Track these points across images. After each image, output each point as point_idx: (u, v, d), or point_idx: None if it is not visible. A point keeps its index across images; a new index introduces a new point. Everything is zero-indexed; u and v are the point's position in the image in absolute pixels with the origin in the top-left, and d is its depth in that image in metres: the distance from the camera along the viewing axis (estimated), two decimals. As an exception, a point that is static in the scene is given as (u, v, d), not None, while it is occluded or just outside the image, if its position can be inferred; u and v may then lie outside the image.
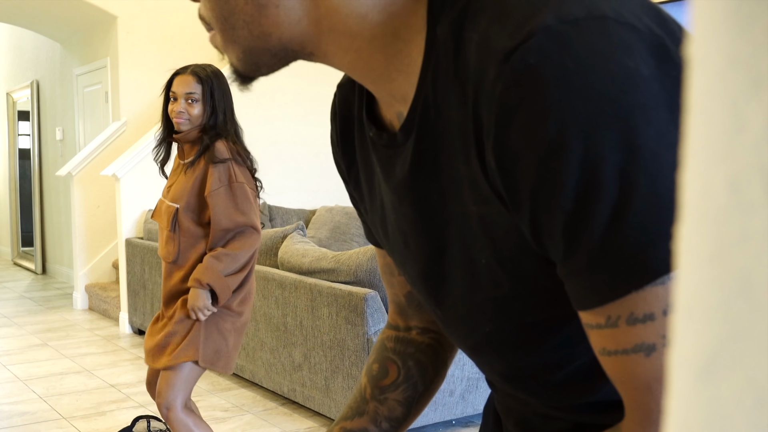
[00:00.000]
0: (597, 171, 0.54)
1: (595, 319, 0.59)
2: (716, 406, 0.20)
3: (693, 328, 0.21)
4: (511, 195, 0.60)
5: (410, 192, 0.72)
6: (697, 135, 0.22)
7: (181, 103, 2.58)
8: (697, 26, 0.22)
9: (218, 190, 2.51)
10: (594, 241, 0.55)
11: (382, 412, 0.97)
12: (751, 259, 0.20)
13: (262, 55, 0.67)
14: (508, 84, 0.56)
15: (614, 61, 0.54)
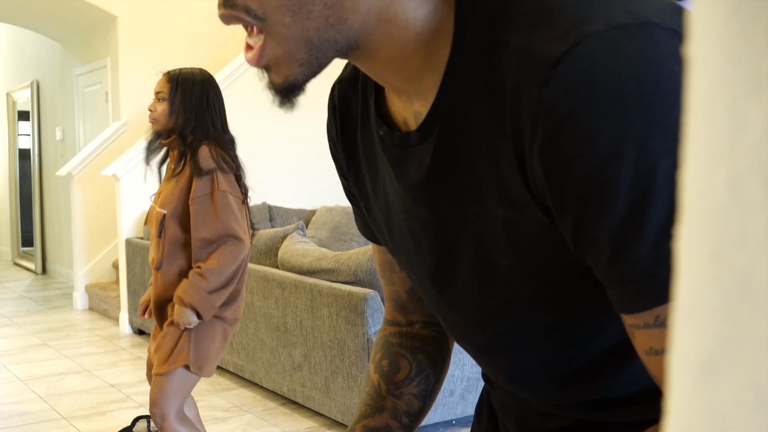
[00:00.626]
0: (650, 178, 0.54)
1: (644, 319, 0.59)
2: (716, 406, 0.20)
3: (693, 328, 0.21)
4: (557, 201, 0.59)
5: (425, 193, 0.72)
6: (697, 135, 0.22)
7: (153, 101, 2.64)
8: (697, 26, 0.22)
9: (199, 199, 2.49)
10: (645, 247, 0.55)
11: (401, 407, 0.97)
12: (751, 259, 0.20)
13: (328, 50, 0.65)
14: (559, 90, 0.56)
15: (665, 67, 0.54)
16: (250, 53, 0.65)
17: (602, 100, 0.54)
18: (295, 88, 0.67)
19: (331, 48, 0.64)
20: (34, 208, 8.57)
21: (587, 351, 0.71)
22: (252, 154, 6.23)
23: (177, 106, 2.58)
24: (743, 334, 0.20)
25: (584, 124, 0.55)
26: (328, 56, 0.65)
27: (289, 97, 0.68)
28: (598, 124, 0.55)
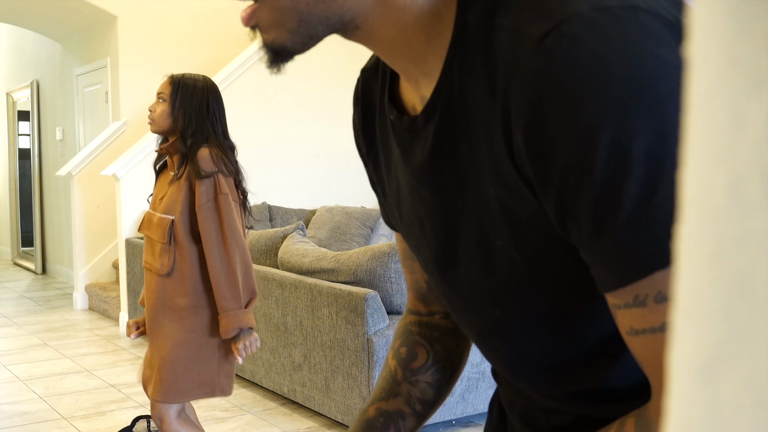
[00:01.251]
0: (627, 154, 0.55)
1: (623, 298, 0.60)
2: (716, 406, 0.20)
3: (693, 328, 0.21)
4: (539, 177, 0.61)
5: (429, 176, 0.74)
6: (697, 135, 0.22)
7: (155, 102, 2.64)
8: (697, 26, 0.22)
9: (205, 206, 2.51)
10: (621, 221, 0.56)
11: (415, 394, 0.98)
12: (751, 259, 0.20)
13: (318, 24, 0.66)
14: (542, 67, 0.58)
15: (647, 49, 0.56)
16: (242, 13, 0.69)
17: (583, 77, 0.56)
18: (283, 51, 0.68)
19: (322, 22, 0.66)
20: (34, 208, 8.57)
21: (584, 339, 0.72)
22: (252, 155, 6.23)
23: (176, 108, 2.59)
24: (743, 334, 0.20)
25: (565, 100, 0.57)
26: (319, 30, 0.66)
27: (277, 60, 0.68)
28: (579, 101, 0.56)
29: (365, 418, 0.98)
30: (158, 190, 2.68)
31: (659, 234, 0.56)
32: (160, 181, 2.71)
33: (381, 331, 3.32)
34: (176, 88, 2.61)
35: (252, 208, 6.10)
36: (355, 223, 5.93)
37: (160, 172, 2.74)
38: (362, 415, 0.99)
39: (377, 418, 0.97)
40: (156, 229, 2.58)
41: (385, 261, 3.42)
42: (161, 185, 2.68)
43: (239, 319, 2.50)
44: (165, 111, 2.59)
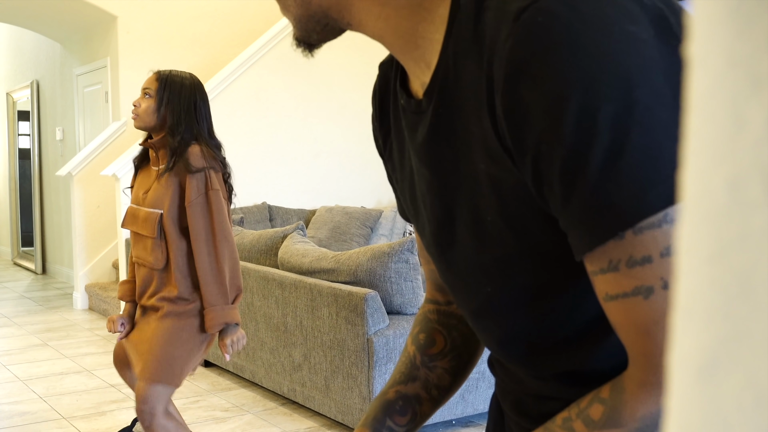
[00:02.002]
0: (594, 120, 0.59)
1: (598, 263, 0.63)
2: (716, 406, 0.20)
3: (693, 328, 0.21)
4: (517, 146, 0.64)
5: (428, 154, 0.78)
6: (697, 135, 0.22)
7: (139, 97, 2.64)
8: (697, 26, 0.22)
9: (196, 201, 2.53)
10: (589, 185, 0.60)
11: (432, 379, 1.00)
12: (751, 259, 0.20)
13: (308, 22, 0.75)
14: (518, 40, 0.61)
15: (618, 24, 0.60)
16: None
17: (554, 49, 0.60)
18: (303, 43, 0.78)
19: (312, 20, 0.75)
20: (34, 208, 8.57)
21: (571, 318, 0.73)
22: (252, 154, 6.24)
23: (163, 105, 2.60)
24: (743, 334, 0.20)
25: (537, 70, 0.60)
26: (314, 27, 0.75)
27: (301, 46, 0.79)
28: (549, 71, 0.60)
29: (385, 399, 1.00)
30: (140, 185, 2.68)
31: (624, 197, 0.59)
32: (140, 176, 2.71)
33: (381, 331, 3.32)
34: (163, 85, 2.61)
35: (252, 208, 6.11)
36: (355, 223, 5.93)
37: (139, 167, 2.73)
38: (382, 396, 1.01)
39: (396, 400, 1.00)
40: (144, 224, 2.59)
41: (385, 261, 3.42)
42: (143, 180, 2.68)
43: (225, 314, 2.53)
44: (151, 107, 2.60)
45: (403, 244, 3.45)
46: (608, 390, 0.67)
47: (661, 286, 0.60)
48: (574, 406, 0.70)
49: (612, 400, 0.66)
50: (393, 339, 3.33)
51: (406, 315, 3.48)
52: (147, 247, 2.61)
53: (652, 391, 0.63)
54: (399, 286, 3.44)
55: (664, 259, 0.59)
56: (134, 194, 2.69)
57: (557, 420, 0.71)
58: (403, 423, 0.99)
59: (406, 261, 3.44)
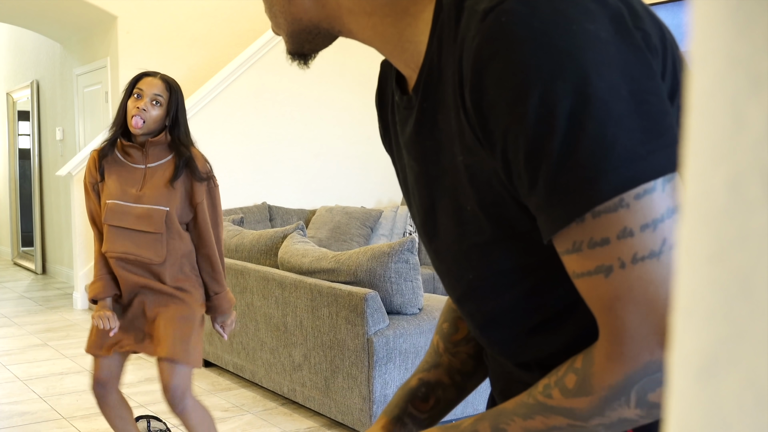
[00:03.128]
0: (552, 114, 0.63)
1: (565, 245, 0.68)
2: (716, 406, 0.20)
3: (693, 328, 0.21)
4: (487, 138, 0.69)
5: (414, 147, 0.82)
6: (697, 135, 0.22)
7: (146, 102, 2.60)
8: (697, 26, 0.22)
9: (205, 199, 2.68)
10: (549, 173, 0.65)
11: (455, 364, 1.03)
12: (751, 259, 0.20)
13: (300, 35, 0.81)
14: (483, 39, 0.66)
15: (577, 23, 0.64)
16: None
17: (516, 47, 0.64)
18: (294, 54, 0.84)
19: (304, 32, 0.81)
20: (34, 208, 8.57)
21: (547, 302, 0.77)
22: (252, 154, 6.23)
23: (177, 116, 2.65)
24: (743, 334, 0.20)
25: (500, 68, 0.65)
26: (306, 37, 0.81)
27: (296, 59, 0.85)
28: (512, 68, 0.64)
29: (408, 387, 1.02)
30: (121, 181, 2.66)
31: (579, 184, 0.63)
32: (114, 172, 2.68)
33: (381, 331, 3.32)
34: (172, 93, 2.65)
35: (252, 207, 6.12)
36: (355, 223, 5.93)
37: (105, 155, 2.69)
38: (405, 384, 1.03)
39: (419, 387, 1.02)
40: (142, 221, 2.62)
41: (385, 261, 3.42)
42: (123, 176, 2.66)
43: (232, 296, 2.78)
44: (160, 116, 2.63)
45: (403, 244, 3.45)
46: (581, 360, 0.71)
47: (619, 265, 0.64)
48: (553, 373, 0.74)
49: (583, 370, 0.70)
50: (393, 339, 3.33)
51: (406, 315, 3.48)
52: (143, 243, 2.64)
53: (617, 361, 0.67)
54: (399, 286, 3.44)
55: (621, 241, 0.64)
56: (114, 191, 2.66)
57: (539, 386, 0.75)
58: (426, 409, 1.01)
59: (406, 261, 3.44)
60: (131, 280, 2.67)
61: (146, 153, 2.65)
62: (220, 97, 6.07)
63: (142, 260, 2.64)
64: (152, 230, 2.62)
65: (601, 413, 0.70)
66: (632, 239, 0.63)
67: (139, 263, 2.65)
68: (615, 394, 0.68)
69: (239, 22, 6.75)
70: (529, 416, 0.75)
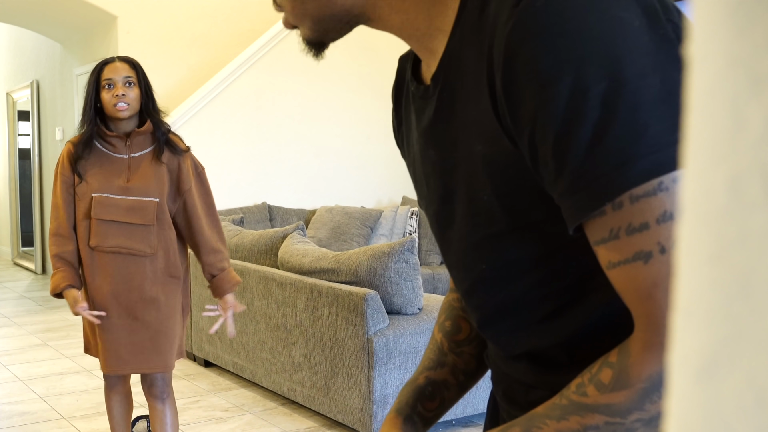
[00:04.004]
0: (584, 97, 0.63)
1: (600, 233, 0.67)
2: (716, 406, 0.20)
3: (693, 328, 0.21)
4: (515, 123, 0.69)
5: (432, 136, 0.83)
6: (697, 135, 0.22)
7: (121, 87, 2.57)
8: (697, 26, 0.22)
9: (195, 182, 2.68)
10: (579, 157, 0.65)
11: (460, 364, 1.04)
12: (751, 259, 0.20)
13: (329, 21, 0.79)
14: (516, 23, 0.66)
15: (610, 11, 0.65)
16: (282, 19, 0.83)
17: (548, 32, 0.65)
18: (316, 44, 0.82)
19: (334, 19, 0.79)
20: (34, 208, 8.56)
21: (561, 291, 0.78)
22: (252, 154, 6.23)
23: (148, 90, 2.64)
24: (743, 334, 0.20)
25: (532, 52, 0.65)
26: (337, 26, 0.80)
27: (314, 48, 0.83)
28: (543, 52, 0.65)
29: (416, 384, 1.03)
30: (105, 174, 2.60)
31: (611, 168, 0.63)
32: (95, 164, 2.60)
33: (381, 331, 3.32)
34: (137, 70, 2.64)
35: (251, 207, 6.11)
36: (355, 223, 5.93)
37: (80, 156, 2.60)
38: (413, 381, 1.04)
39: (426, 386, 1.03)
40: (135, 213, 2.58)
41: (385, 261, 3.42)
42: (105, 168, 2.60)
43: (236, 274, 2.79)
44: (138, 93, 2.61)
45: (403, 244, 3.45)
46: (616, 354, 0.70)
47: (659, 250, 0.64)
48: (586, 372, 0.73)
49: (619, 363, 0.69)
50: (393, 339, 3.33)
51: (406, 315, 3.48)
52: (136, 236, 2.59)
53: (655, 351, 0.66)
54: (399, 286, 3.44)
55: (660, 225, 0.63)
56: (99, 183, 2.59)
57: (572, 387, 0.74)
58: (432, 408, 1.02)
59: (406, 261, 3.44)
60: (122, 273, 2.62)
61: (130, 143, 2.61)
62: (220, 97, 6.07)
63: (134, 253, 2.60)
64: (144, 222, 2.59)
65: (640, 407, 0.68)
66: (672, 223, 0.63)
67: (131, 256, 2.61)
68: (654, 386, 0.67)
69: (239, 22, 6.74)
70: (563, 417, 0.73)
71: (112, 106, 2.56)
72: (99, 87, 2.60)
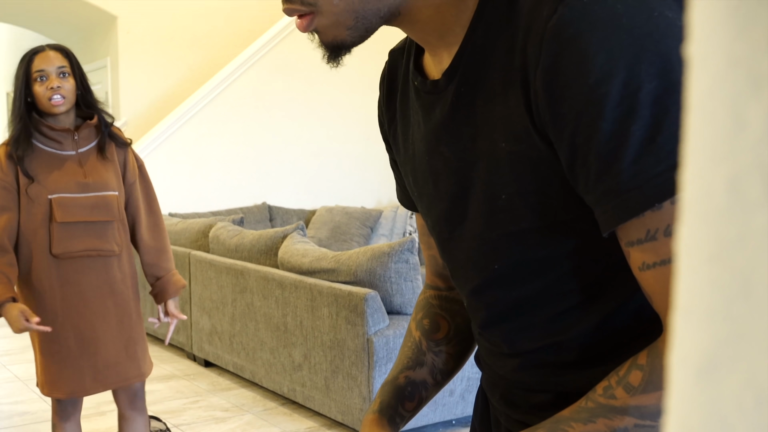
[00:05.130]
0: (636, 97, 0.62)
1: (636, 234, 0.66)
2: (716, 406, 0.20)
3: (693, 328, 0.21)
4: (555, 120, 0.67)
5: (447, 132, 0.81)
6: (697, 135, 0.22)
7: (54, 78, 2.35)
8: (697, 26, 0.22)
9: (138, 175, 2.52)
10: (629, 158, 0.63)
11: (438, 364, 1.03)
12: (751, 259, 0.20)
13: (372, 17, 0.75)
14: (564, 19, 0.65)
15: (657, 10, 0.64)
16: (298, 21, 0.76)
17: (599, 28, 0.64)
18: (343, 47, 0.76)
19: (375, 15, 0.75)
20: (34, 208, 8.55)
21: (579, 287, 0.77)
22: (252, 154, 6.23)
23: (79, 78, 2.42)
24: (743, 334, 0.20)
25: (582, 48, 0.64)
26: (373, 22, 0.75)
27: (337, 54, 0.77)
28: (594, 49, 0.64)
29: (396, 384, 1.02)
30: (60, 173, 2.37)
31: (661, 171, 0.62)
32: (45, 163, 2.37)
33: (381, 331, 3.32)
34: (70, 58, 2.43)
35: (252, 207, 6.10)
36: (355, 223, 5.93)
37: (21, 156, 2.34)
38: (393, 381, 1.03)
39: (406, 386, 1.02)
40: (100, 210, 2.39)
41: (385, 261, 3.42)
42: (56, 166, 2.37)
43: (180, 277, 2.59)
44: (73, 84, 2.39)
45: (403, 244, 3.45)
46: (645, 356, 0.70)
47: None
48: (613, 374, 0.72)
49: (650, 365, 0.69)
50: (393, 339, 3.33)
51: (406, 315, 3.48)
52: (102, 235, 2.40)
53: None
54: (399, 286, 3.44)
55: None
56: (54, 184, 2.36)
57: (598, 390, 0.73)
58: (411, 408, 1.02)
59: (406, 261, 3.44)
60: (91, 279, 2.40)
61: (78, 137, 2.41)
62: (220, 97, 6.07)
63: (103, 254, 2.39)
64: (108, 218, 2.39)
65: None
66: None
67: (100, 258, 2.40)
68: None
69: (239, 22, 6.74)
70: (590, 420, 0.73)
71: (47, 100, 2.33)
72: (29, 79, 2.36)
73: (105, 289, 2.42)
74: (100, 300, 2.42)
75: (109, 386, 2.45)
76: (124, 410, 2.55)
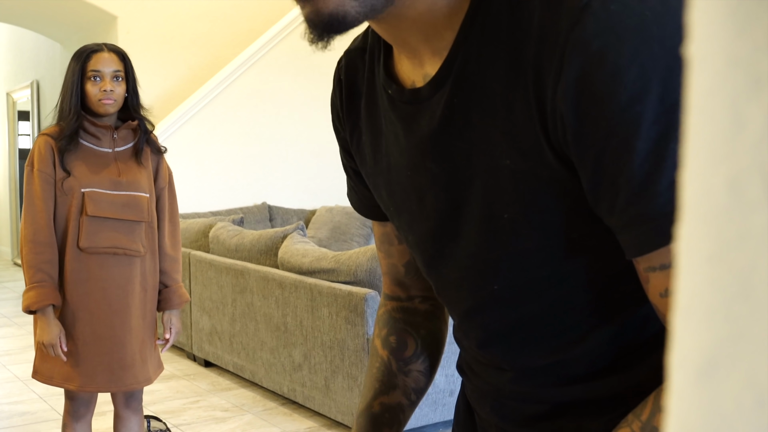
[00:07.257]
0: (673, 115, 0.57)
1: (659, 260, 0.61)
2: (716, 406, 0.20)
3: (693, 328, 0.21)
4: (579, 139, 0.61)
5: (436, 146, 0.74)
6: (697, 135, 0.22)
7: (108, 82, 2.39)
8: (697, 26, 0.22)
9: (166, 189, 2.53)
10: (666, 183, 0.58)
11: (410, 384, 1.00)
12: (751, 259, 0.20)
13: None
14: (590, 30, 0.59)
15: (682, 15, 0.58)
16: None
17: (629, 40, 0.58)
18: (343, 22, 0.63)
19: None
20: (34, 208, 8.55)
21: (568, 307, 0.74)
22: (252, 154, 6.23)
23: (131, 84, 2.46)
24: (743, 334, 0.20)
25: (613, 62, 0.58)
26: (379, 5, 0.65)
27: (330, 30, 0.64)
28: (626, 63, 0.58)
29: (371, 413, 0.99)
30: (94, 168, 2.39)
31: None
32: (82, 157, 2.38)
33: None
34: (126, 62, 2.47)
35: (252, 207, 6.10)
36: (355, 223, 5.93)
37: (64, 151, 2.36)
38: (367, 410, 0.99)
39: (383, 413, 0.99)
40: (131, 209, 2.39)
41: (385, 261, 3.42)
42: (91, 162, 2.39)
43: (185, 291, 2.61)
44: (124, 89, 2.43)
45: (403, 244, 3.45)
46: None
47: None
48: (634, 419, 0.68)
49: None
50: (393, 339, 3.33)
51: (406, 315, 3.48)
52: (130, 234, 2.39)
53: None
54: (399, 286, 3.44)
55: None
56: (87, 178, 2.36)
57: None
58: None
59: (406, 261, 3.44)
60: (114, 277, 2.39)
61: (117, 136, 2.43)
62: (220, 97, 6.06)
63: (128, 254, 2.39)
64: (138, 219, 2.39)
65: None
66: None
67: (125, 257, 2.39)
68: None
69: (239, 22, 6.74)
70: None
71: (97, 100, 2.36)
72: (84, 77, 2.39)
73: (127, 289, 2.41)
74: (122, 299, 2.40)
75: (122, 388, 2.44)
76: (120, 410, 2.55)
